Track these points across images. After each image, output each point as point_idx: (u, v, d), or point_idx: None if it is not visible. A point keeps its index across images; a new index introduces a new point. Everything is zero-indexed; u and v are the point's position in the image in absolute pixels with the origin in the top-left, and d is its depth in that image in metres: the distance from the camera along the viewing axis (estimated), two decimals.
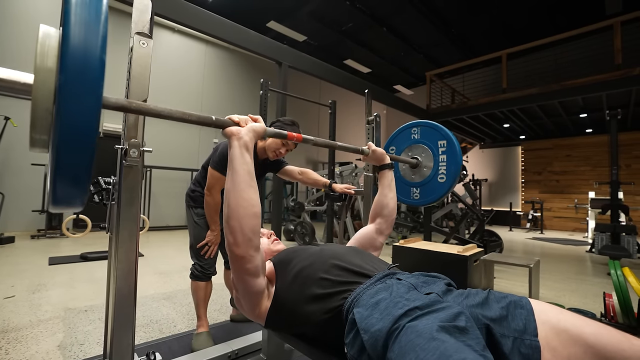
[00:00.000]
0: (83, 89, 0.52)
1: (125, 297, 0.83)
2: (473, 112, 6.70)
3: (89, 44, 0.52)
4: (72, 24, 0.52)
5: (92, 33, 0.53)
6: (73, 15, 0.52)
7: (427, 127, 1.62)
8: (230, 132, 0.83)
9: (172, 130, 7.10)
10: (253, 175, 0.82)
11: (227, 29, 3.37)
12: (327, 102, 3.73)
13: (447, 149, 1.52)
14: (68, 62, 0.51)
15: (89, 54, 0.52)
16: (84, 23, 0.52)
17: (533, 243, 6.61)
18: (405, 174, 1.68)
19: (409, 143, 1.67)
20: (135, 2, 0.88)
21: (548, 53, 6.81)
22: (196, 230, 1.71)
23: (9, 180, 5.17)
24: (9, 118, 4.84)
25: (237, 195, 0.78)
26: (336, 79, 4.70)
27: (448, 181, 1.51)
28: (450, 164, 1.50)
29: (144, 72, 0.84)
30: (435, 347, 0.50)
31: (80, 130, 0.52)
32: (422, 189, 1.61)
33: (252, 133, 0.84)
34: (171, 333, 1.88)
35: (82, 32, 0.52)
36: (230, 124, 0.84)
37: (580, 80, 5.34)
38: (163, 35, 7.12)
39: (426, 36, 7.97)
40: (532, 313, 0.66)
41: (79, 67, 0.51)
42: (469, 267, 2.62)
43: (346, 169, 5.70)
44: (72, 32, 0.51)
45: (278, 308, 0.84)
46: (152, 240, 5.26)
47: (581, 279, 3.55)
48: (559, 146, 9.64)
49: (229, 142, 0.83)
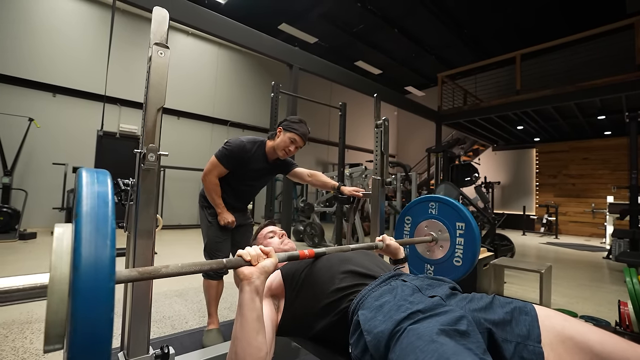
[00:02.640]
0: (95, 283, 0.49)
1: (142, 293, 0.88)
2: (485, 114, 6.61)
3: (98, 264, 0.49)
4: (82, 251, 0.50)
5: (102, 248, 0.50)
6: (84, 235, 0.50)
7: (446, 205, 1.54)
8: (242, 275, 0.77)
9: (185, 131, 7.25)
10: (262, 319, 0.78)
11: (238, 32, 3.44)
12: (337, 104, 3.78)
13: (466, 232, 1.44)
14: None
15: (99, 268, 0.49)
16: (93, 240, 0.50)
17: (547, 248, 6.47)
18: (421, 249, 1.62)
19: (426, 217, 1.59)
20: (154, 14, 0.92)
21: (564, 53, 6.65)
22: (210, 230, 1.73)
23: (32, 179, 5.38)
24: (32, 119, 5.04)
25: (245, 344, 0.74)
26: (346, 81, 4.72)
27: (463, 266, 1.43)
28: (468, 249, 1.43)
29: (162, 81, 0.89)
30: (434, 350, 0.52)
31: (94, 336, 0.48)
32: (436, 267, 1.54)
33: (263, 275, 0.78)
34: (183, 329, 1.94)
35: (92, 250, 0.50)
36: (242, 264, 0.77)
37: (598, 81, 5.20)
38: (177, 38, 7.29)
39: (438, 37, 7.91)
40: (536, 319, 0.66)
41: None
42: (478, 271, 2.61)
43: (356, 171, 5.71)
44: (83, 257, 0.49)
45: (288, 320, 0.88)
46: (165, 238, 5.39)
47: (596, 286, 3.46)
48: (576, 149, 9.38)
49: (241, 285, 0.77)
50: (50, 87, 5.60)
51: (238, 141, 1.67)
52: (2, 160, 4.75)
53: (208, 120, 7.59)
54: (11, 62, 5.29)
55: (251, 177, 1.76)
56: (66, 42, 5.84)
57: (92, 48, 6.02)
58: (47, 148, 5.53)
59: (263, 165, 1.75)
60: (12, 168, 4.79)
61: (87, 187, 0.53)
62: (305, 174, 1.88)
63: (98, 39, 6.06)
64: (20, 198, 4.82)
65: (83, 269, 0.49)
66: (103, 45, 5.93)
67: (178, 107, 7.04)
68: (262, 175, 1.82)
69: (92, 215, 0.52)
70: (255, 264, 0.77)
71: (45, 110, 5.50)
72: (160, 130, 0.93)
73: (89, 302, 0.48)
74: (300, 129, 1.70)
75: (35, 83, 5.47)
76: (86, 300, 0.48)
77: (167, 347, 0.94)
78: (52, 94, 5.64)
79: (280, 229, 1.34)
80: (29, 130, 5.00)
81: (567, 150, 9.53)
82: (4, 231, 4.42)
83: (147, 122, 0.90)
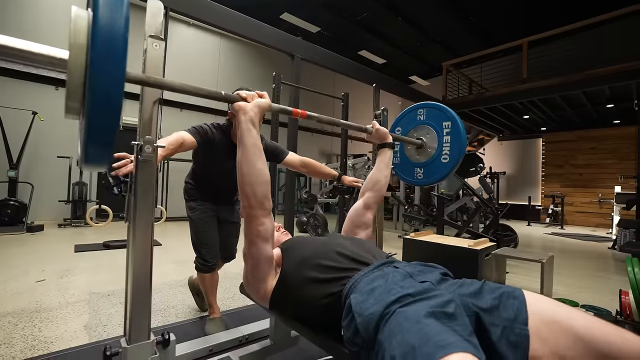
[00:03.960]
0: (110, 63, 0.60)
1: (142, 282, 0.90)
2: (491, 103, 6.51)
3: (115, 24, 0.60)
4: (100, 6, 0.59)
5: (117, 14, 0.60)
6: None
7: (433, 109, 1.62)
8: (237, 107, 0.90)
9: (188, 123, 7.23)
10: (260, 147, 0.89)
11: (239, 22, 3.40)
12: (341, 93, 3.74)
13: (452, 130, 1.52)
14: (97, 39, 0.59)
15: (115, 32, 0.60)
16: (110, 5, 0.60)
17: (552, 238, 6.44)
18: (410, 154, 1.71)
19: (415, 124, 1.68)
20: (148, 6, 0.92)
21: (571, 40, 6.49)
22: (192, 224, 1.73)
23: (38, 172, 5.46)
24: (36, 113, 5.08)
25: (249, 165, 0.87)
26: (348, 71, 4.67)
27: (451, 162, 1.52)
28: (454, 145, 1.51)
29: (157, 73, 0.89)
30: (418, 329, 0.53)
31: (108, 99, 0.61)
32: (425, 169, 1.64)
33: (257, 108, 0.90)
34: (186, 318, 1.98)
35: (108, 13, 0.59)
36: (238, 99, 0.90)
37: (607, 68, 5.07)
38: (179, 29, 7.23)
39: (443, 25, 7.75)
40: (524, 303, 0.67)
41: (107, 44, 0.59)
42: (479, 261, 2.61)
43: (359, 162, 5.70)
44: (101, 14, 0.59)
45: (282, 288, 0.90)
46: (169, 230, 5.46)
47: (600, 276, 3.45)
48: (583, 138, 9.23)
49: (237, 117, 0.90)
50: (53, 80, 5.62)
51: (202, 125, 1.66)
52: (8, 154, 4.81)
53: (211, 112, 7.58)
54: None
55: (223, 164, 1.67)
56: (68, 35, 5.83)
57: None
58: (51, 141, 5.58)
59: (230, 150, 1.63)
60: (17, 162, 4.86)
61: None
62: (297, 163, 1.79)
63: None
64: (26, 191, 4.90)
65: (100, 46, 0.58)
66: None
67: (181, 99, 7.03)
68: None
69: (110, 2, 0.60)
70: (250, 101, 0.91)
71: (48, 104, 5.53)
72: (157, 122, 0.93)
73: (105, 74, 0.59)
74: None
75: (38, 76, 5.48)
76: (102, 72, 0.59)
77: (167, 334, 0.97)
78: (54, 87, 5.67)
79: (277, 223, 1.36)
80: (32, 123, 5.05)
81: (574, 139, 9.38)
82: (12, 224, 4.51)
83: (144, 114, 0.90)
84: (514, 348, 0.62)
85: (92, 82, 0.58)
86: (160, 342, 0.95)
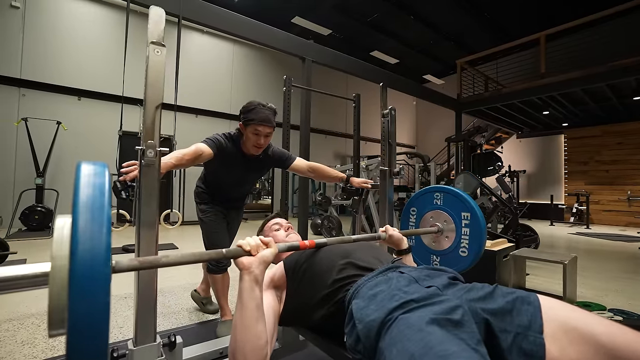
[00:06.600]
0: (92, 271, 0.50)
1: (147, 285, 0.91)
2: (508, 100, 6.32)
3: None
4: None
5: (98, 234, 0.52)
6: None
7: (451, 195, 1.50)
8: (241, 265, 0.78)
9: (203, 129, 7.41)
10: (261, 308, 0.79)
11: (250, 28, 3.45)
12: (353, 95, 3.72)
13: (471, 222, 1.41)
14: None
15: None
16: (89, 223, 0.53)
17: (577, 239, 6.15)
18: (426, 240, 1.60)
19: (431, 208, 1.57)
20: (150, 14, 0.93)
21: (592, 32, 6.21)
22: (203, 227, 1.78)
23: (62, 179, 5.70)
24: (60, 122, 5.32)
25: (245, 331, 0.75)
26: (359, 72, 4.64)
27: (470, 256, 1.40)
28: (473, 240, 1.41)
29: (159, 79, 0.90)
30: (420, 338, 0.51)
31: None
32: (442, 258, 1.52)
33: (262, 265, 0.79)
34: (199, 320, 2.01)
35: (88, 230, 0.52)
36: (241, 254, 0.79)
37: (633, 59, 4.83)
38: (193, 37, 7.41)
39: (456, 22, 7.60)
40: (539, 309, 0.62)
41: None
42: (497, 263, 2.52)
43: (372, 163, 5.64)
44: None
45: (290, 311, 0.90)
46: (186, 233, 5.57)
47: (629, 278, 3.26)
48: (609, 133, 8.79)
49: (240, 274, 0.78)
50: (76, 91, 5.88)
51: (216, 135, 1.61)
52: (35, 162, 5.05)
53: (225, 117, 7.72)
54: (38, 69, 5.58)
55: (233, 173, 1.68)
56: (89, 47, 6.09)
57: (114, 51, 6.25)
58: (75, 149, 5.83)
59: (240, 160, 1.64)
60: (44, 169, 5.10)
61: (84, 179, 0.56)
62: (304, 168, 1.77)
63: (120, 42, 6.27)
64: (52, 198, 5.13)
65: (80, 255, 0.50)
66: (123, 49, 6.14)
67: (196, 105, 7.19)
68: (247, 171, 1.72)
69: (88, 205, 0.54)
70: (254, 254, 0.78)
71: (71, 114, 5.79)
72: (159, 127, 0.94)
73: (86, 287, 0.49)
74: (257, 115, 1.49)
75: (62, 87, 5.75)
76: (83, 286, 0.49)
77: (174, 336, 0.97)
78: (77, 98, 5.92)
79: (287, 222, 1.34)
80: (57, 133, 5.28)
81: (599, 134, 8.96)
82: (39, 229, 4.73)
83: (146, 120, 0.92)
84: (527, 358, 0.59)
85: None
86: (167, 344, 0.96)
